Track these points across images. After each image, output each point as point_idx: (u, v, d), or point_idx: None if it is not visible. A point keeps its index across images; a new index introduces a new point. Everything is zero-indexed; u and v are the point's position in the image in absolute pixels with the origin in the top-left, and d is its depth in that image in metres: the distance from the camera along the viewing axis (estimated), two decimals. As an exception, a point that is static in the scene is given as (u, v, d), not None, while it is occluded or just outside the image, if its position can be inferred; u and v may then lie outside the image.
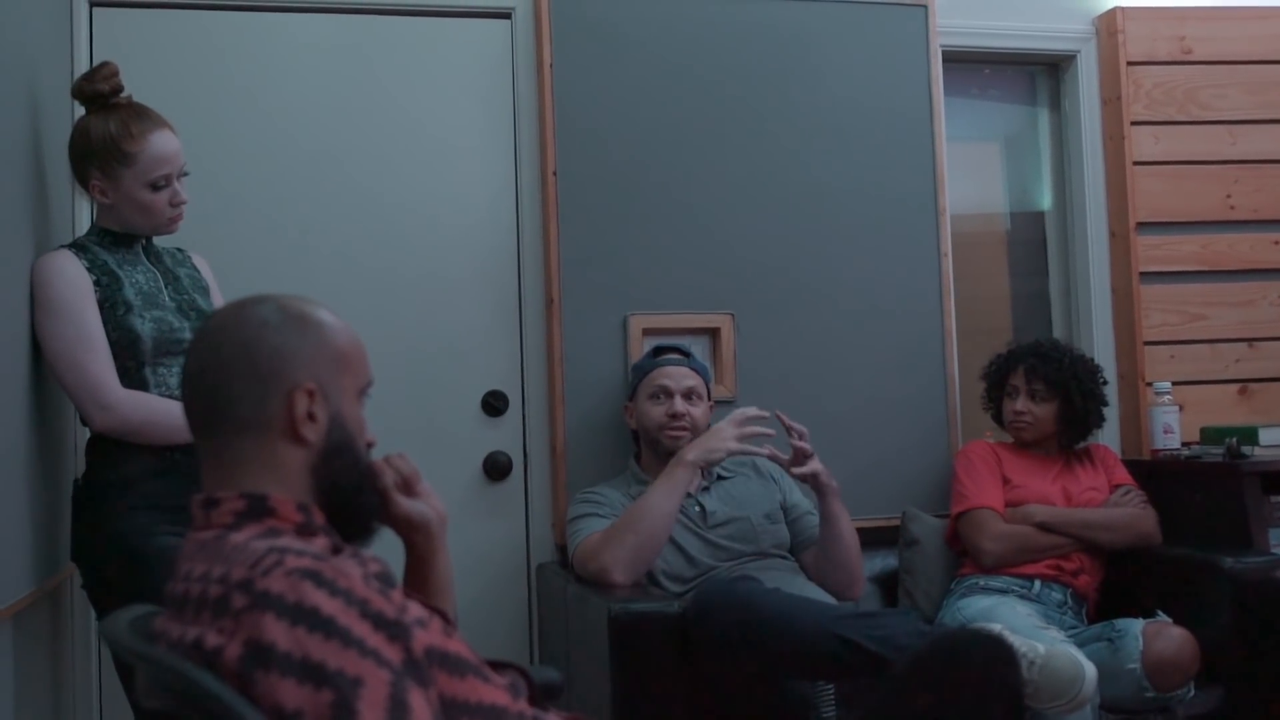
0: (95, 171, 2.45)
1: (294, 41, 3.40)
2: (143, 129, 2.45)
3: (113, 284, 2.43)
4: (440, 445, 3.37)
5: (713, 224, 3.57)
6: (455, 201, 3.47)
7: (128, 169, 2.43)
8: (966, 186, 4.04)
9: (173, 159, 2.48)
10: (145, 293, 2.46)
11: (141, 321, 2.41)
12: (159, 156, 2.45)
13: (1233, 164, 3.96)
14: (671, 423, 3.16)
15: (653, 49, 3.57)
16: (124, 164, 2.43)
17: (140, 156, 2.43)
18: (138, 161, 2.43)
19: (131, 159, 2.43)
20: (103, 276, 2.43)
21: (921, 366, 3.70)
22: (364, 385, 1.56)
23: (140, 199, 2.45)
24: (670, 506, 2.96)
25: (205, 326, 1.55)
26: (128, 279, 2.45)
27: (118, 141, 2.42)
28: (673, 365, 3.23)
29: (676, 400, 3.17)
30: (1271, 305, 3.95)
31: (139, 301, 2.43)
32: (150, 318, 2.43)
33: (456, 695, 1.39)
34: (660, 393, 3.19)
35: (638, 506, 2.97)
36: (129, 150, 2.42)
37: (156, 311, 2.45)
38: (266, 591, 1.26)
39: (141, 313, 2.42)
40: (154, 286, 2.50)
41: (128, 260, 2.50)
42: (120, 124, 2.44)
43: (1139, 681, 2.85)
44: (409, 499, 1.64)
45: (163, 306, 2.47)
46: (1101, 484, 3.42)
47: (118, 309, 2.41)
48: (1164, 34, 3.94)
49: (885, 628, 2.57)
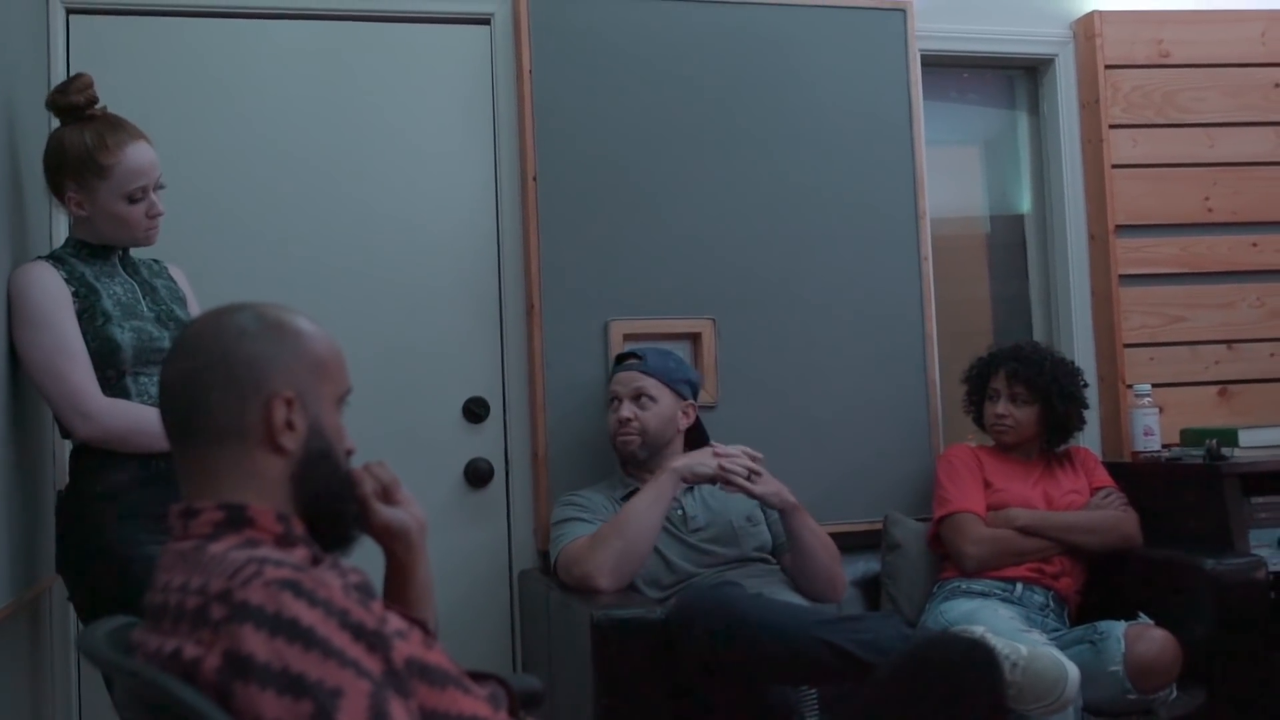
0: (71, 184, 2.42)
1: (273, 48, 3.39)
2: (118, 141, 2.42)
3: (91, 295, 2.41)
4: (421, 452, 3.36)
5: (693, 229, 3.57)
6: (435, 208, 3.46)
7: (103, 182, 2.41)
8: (946, 190, 4.05)
9: (149, 171, 2.45)
10: (124, 304, 2.45)
11: (121, 331, 2.40)
12: (135, 169, 2.43)
13: (1211, 166, 3.97)
14: (620, 428, 3.18)
15: (632, 54, 3.57)
16: (99, 176, 2.40)
17: (116, 169, 2.41)
18: (113, 174, 2.41)
19: (107, 171, 2.40)
20: (80, 288, 2.41)
21: (902, 370, 3.70)
22: (343, 393, 1.55)
23: (116, 211, 2.44)
24: (657, 514, 2.96)
25: (183, 335, 1.54)
26: (105, 291, 2.44)
27: (93, 154, 2.40)
28: (622, 371, 3.24)
29: (624, 406, 3.18)
30: (1250, 307, 3.97)
31: (118, 312, 2.42)
32: (130, 327, 2.42)
33: (437, 707, 1.38)
34: (612, 398, 3.22)
35: (624, 513, 2.97)
36: (104, 163, 2.40)
37: (135, 321, 2.44)
38: (245, 602, 1.25)
39: (121, 323, 2.41)
40: (132, 298, 2.49)
41: (105, 273, 2.48)
42: (95, 136, 2.42)
43: (1121, 683, 2.85)
44: (389, 507, 1.63)
45: (141, 317, 2.46)
46: (1082, 487, 3.43)
47: (96, 319, 2.39)
48: (1142, 37, 3.96)
49: (868, 631, 2.57)
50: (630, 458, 3.20)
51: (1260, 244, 3.98)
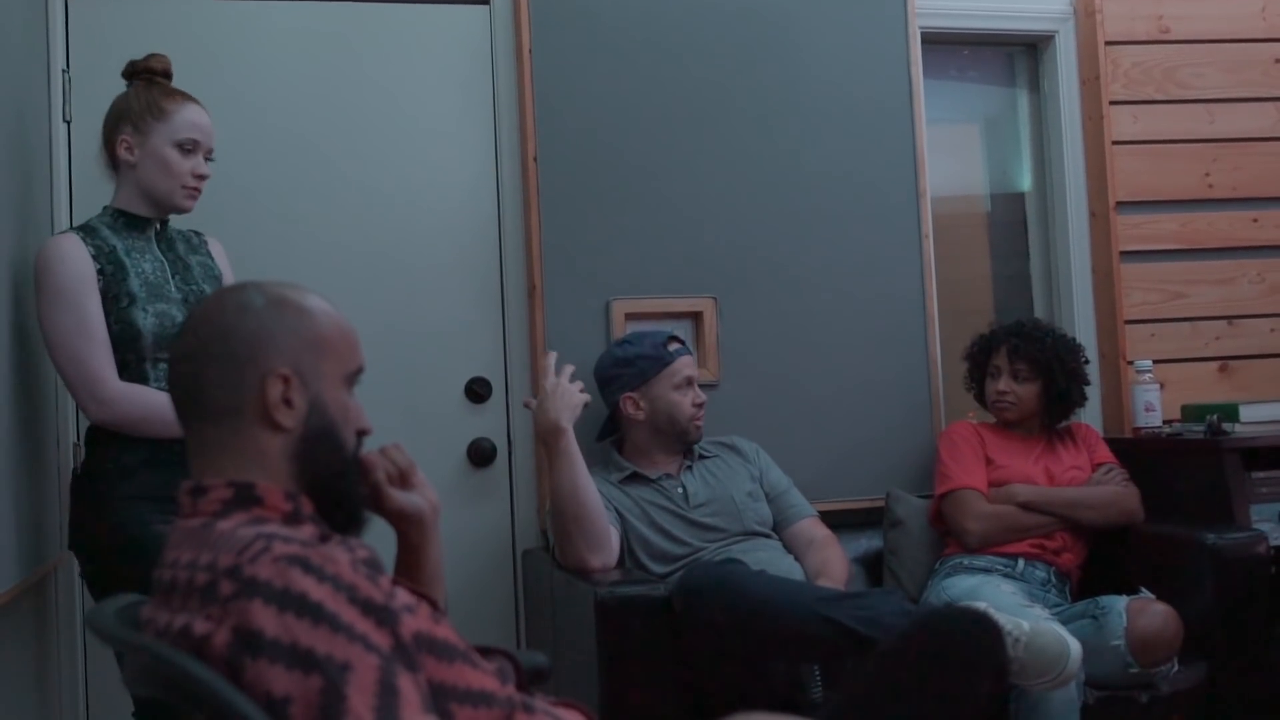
0: (127, 128, 2.51)
1: (273, 29, 3.38)
2: (185, 98, 2.57)
3: (118, 273, 2.42)
4: (424, 432, 3.36)
5: (694, 208, 3.57)
6: (436, 189, 3.46)
7: (160, 124, 2.51)
8: (947, 168, 4.04)
9: (205, 129, 2.58)
10: (151, 283, 2.46)
11: (144, 316, 2.41)
12: (193, 121, 2.55)
13: (1211, 142, 3.97)
14: (699, 412, 3.22)
15: (632, 34, 3.56)
16: (158, 119, 2.51)
17: (175, 115, 2.53)
18: (172, 119, 2.52)
19: (166, 115, 2.52)
20: (108, 265, 2.42)
21: (904, 348, 3.70)
22: (351, 372, 1.53)
23: (165, 156, 2.51)
24: (579, 477, 2.96)
25: (191, 312, 1.54)
26: (134, 268, 2.45)
27: (157, 100, 2.53)
28: (685, 354, 3.27)
29: (698, 389, 3.24)
30: (1250, 283, 3.97)
31: (143, 294, 2.43)
32: (153, 311, 2.43)
33: (445, 680, 1.39)
34: (685, 383, 3.22)
35: (557, 498, 2.97)
36: (166, 107, 2.53)
37: (160, 305, 2.45)
38: (254, 578, 1.26)
39: (145, 306, 2.42)
40: (160, 277, 2.50)
41: (136, 247, 2.50)
42: (163, 91, 2.56)
43: (1123, 658, 2.86)
44: (402, 490, 1.63)
45: (168, 299, 2.47)
46: (1084, 463, 3.43)
47: (120, 300, 2.41)
48: (1142, 13, 3.95)
49: (871, 608, 2.58)
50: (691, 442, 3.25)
51: (1260, 219, 3.98)
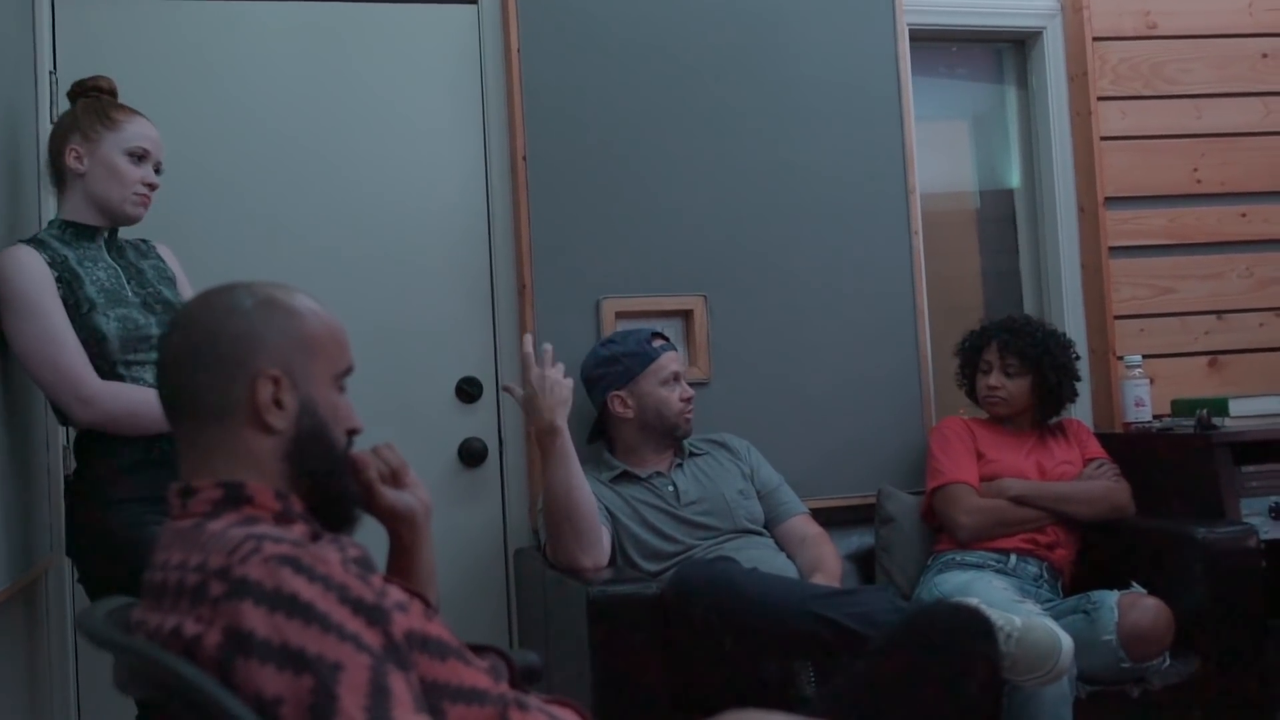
0: (76, 136, 2.49)
1: (262, 29, 3.38)
2: (134, 112, 2.56)
3: (74, 282, 2.40)
4: (415, 432, 3.36)
5: (684, 206, 3.57)
6: (425, 188, 3.46)
7: (111, 132, 2.50)
8: (936, 165, 4.05)
9: (155, 141, 2.56)
10: (108, 290, 2.43)
11: (106, 320, 2.39)
12: (141, 132, 2.54)
13: (1199, 138, 3.98)
14: (687, 406, 3.22)
15: (620, 32, 3.56)
16: (108, 128, 2.50)
17: (126, 125, 2.52)
18: (123, 128, 2.51)
19: (116, 124, 2.51)
20: (64, 273, 2.40)
21: (894, 344, 3.71)
22: (340, 371, 1.53)
23: (115, 163, 2.49)
24: (573, 476, 2.92)
25: (178, 314, 1.53)
26: (88, 276, 2.42)
27: (107, 109, 2.52)
28: (671, 350, 3.26)
29: (685, 384, 3.24)
30: (1239, 277, 3.98)
31: (102, 299, 2.41)
32: (115, 315, 2.40)
33: (438, 678, 1.38)
34: (671, 379, 3.21)
35: (550, 497, 2.95)
36: (116, 117, 2.52)
37: (120, 309, 2.42)
38: (245, 578, 1.25)
39: (105, 311, 2.40)
40: (116, 283, 2.47)
41: (88, 256, 2.47)
42: (112, 104, 2.56)
43: (1115, 652, 2.87)
44: (395, 490, 1.63)
45: (126, 303, 2.45)
46: (1075, 458, 3.44)
47: (81, 307, 2.38)
48: (1129, 9, 3.96)
49: (863, 605, 2.58)
50: (680, 437, 3.24)
51: (1249, 214, 3.99)
